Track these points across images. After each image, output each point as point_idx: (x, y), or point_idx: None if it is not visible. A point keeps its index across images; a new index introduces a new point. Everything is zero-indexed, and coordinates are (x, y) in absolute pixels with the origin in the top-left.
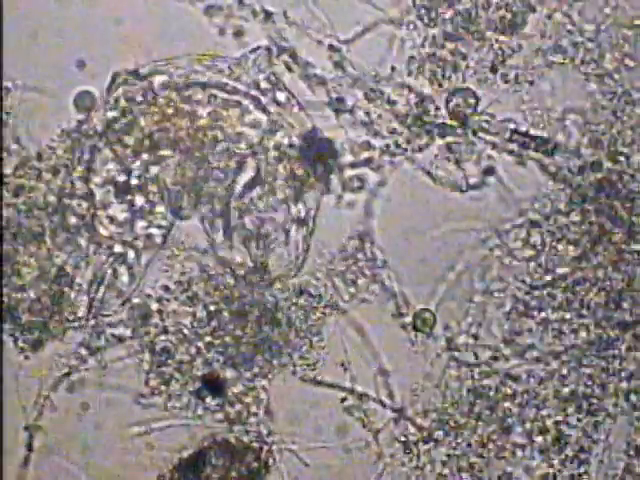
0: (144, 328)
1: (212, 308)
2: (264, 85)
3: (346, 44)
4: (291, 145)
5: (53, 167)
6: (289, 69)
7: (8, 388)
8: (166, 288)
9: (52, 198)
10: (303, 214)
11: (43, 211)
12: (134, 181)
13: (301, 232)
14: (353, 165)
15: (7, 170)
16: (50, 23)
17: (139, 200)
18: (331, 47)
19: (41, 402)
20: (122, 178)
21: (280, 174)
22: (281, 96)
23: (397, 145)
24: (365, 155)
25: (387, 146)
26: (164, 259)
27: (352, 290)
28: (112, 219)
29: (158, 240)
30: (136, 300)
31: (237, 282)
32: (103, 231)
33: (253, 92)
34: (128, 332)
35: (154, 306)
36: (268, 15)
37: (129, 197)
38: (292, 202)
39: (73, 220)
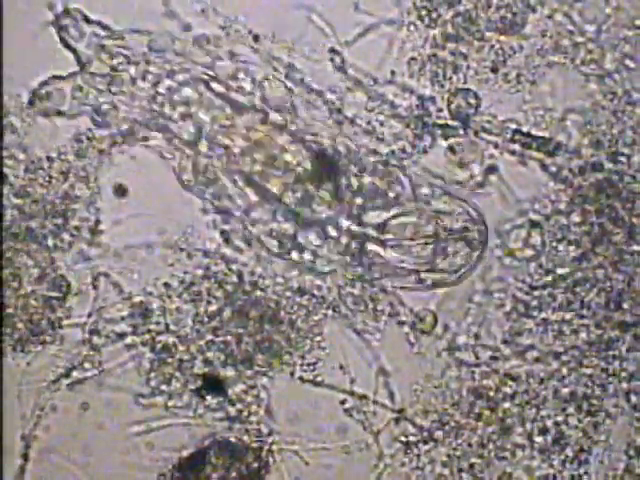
0: (145, 326)
1: (214, 307)
2: None
3: (346, 46)
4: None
5: (62, 172)
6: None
7: (8, 390)
8: (167, 285)
9: (58, 201)
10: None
11: (48, 214)
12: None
13: None
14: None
15: (16, 172)
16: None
17: None
18: (332, 50)
19: (37, 413)
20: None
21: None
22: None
23: (403, 150)
24: (371, 161)
25: (392, 152)
26: (170, 254)
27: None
28: None
29: None
30: (137, 297)
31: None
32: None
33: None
34: (129, 329)
35: (155, 304)
36: (256, 38)
37: None
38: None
39: (76, 223)
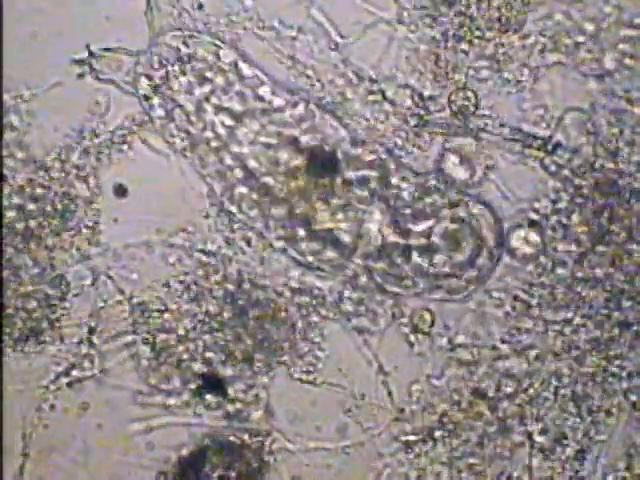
0: (145, 326)
1: (214, 307)
2: None
3: (346, 45)
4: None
5: (63, 172)
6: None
7: (8, 390)
8: (167, 285)
9: (58, 201)
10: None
11: (48, 214)
12: None
13: None
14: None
15: (16, 172)
16: (50, 23)
17: None
18: (332, 48)
19: (37, 413)
20: None
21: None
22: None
23: (400, 147)
24: (368, 158)
25: (390, 147)
26: (172, 252)
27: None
28: None
29: None
30: (137, 297)
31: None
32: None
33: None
34: (129, 328)
35: (155, 304)
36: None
37: None
38: None
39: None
